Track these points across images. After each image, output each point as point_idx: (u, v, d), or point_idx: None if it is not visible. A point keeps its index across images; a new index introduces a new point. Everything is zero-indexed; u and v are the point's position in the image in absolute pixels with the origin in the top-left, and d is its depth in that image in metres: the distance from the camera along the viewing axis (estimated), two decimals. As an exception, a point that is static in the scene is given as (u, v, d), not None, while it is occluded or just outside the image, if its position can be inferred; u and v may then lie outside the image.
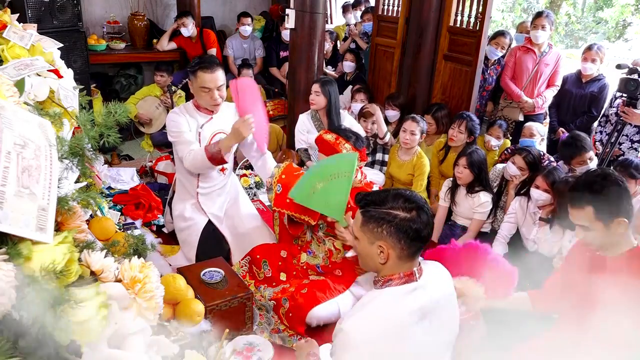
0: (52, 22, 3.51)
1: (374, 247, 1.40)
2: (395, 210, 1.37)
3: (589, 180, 1.67)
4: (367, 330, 1.33)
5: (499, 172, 3.40)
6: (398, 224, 1.36)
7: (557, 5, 9.87)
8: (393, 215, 1.36)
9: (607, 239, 1.68)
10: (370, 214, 1.40)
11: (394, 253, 1.38)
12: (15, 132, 0.85)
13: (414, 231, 1.35)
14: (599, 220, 1.64)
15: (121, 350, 0.87)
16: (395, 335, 1.33)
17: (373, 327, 1.33)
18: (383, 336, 1.33)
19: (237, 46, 5.68)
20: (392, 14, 4.55)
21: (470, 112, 3.81)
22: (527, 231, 2.92)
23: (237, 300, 2.11)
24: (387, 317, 1.35)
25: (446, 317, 1.44)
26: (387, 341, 1.33)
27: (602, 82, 3.89)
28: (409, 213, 1.37)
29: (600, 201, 1.63)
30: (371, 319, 1.35)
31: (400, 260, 1.39)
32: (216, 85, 2.51)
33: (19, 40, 1.49)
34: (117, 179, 3.32)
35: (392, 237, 1.37)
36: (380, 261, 1.40)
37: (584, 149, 2.92)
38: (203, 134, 2.63)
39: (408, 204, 1.38)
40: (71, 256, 0.82)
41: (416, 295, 1.38)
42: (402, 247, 1.37)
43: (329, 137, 2.38)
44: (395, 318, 1.34)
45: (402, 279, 1.39)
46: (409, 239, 1.36)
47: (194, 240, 2.74)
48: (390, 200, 1.39)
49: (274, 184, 2.53)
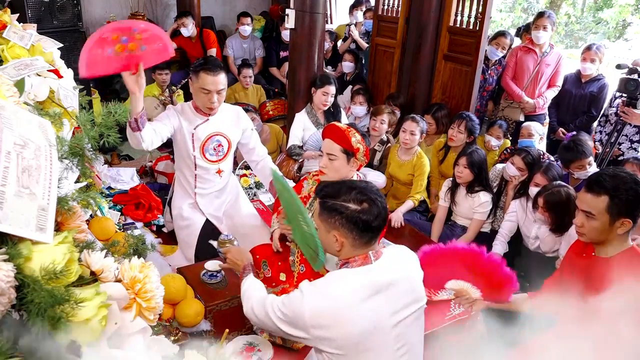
0: (52, 22, 3.52)
1: (329, 236, 1.50)
2: (347, 203, 1.47)
3: (617, 175, 1.67)
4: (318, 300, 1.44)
5: (499, 172, 3.40)
6: (348, 215, 1.45)
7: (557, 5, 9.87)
8: (345, 207, 1.46)
9: (604, 234, 1.69)
10: (325, 205, 1.50)
11: (347, 242, 1.49)
12: (15, 132, 0.85)
13: (363, 222, 1.45)
14: (608, 213, 1.65)
15: (121, 350, 0.87)
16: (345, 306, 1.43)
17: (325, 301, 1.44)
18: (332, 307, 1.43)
19: (237, 46, 5.68)
20: (392, 14, 4.55)
21: (470, 112, 3.81)
22: (528, 229, 2.92)
23: (237, 300, 2.10)
24: (340, 289, 1.45)
25: (402, 292, 1.51)
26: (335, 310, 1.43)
27: (602, 82, 3.89)
28: (359, 205, 1.46)
29: (619, 197, 1.63)
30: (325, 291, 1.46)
31: (355, 248, 1.50)
32: (216, 89, 2.50)
33: (19, 40, 1.49)
34: (117, 179, 3.31)
35: (344, 228, 1.47)
36: (336, 248, 1.51)
37: (584, 154, 2.91)
38: (197, 135, 2.63)
39: (360, 196, 1.47)
40: (71, 256, 0.82)
41: (370, 275, 1.48)
42: (354, 237, 1.47)
43: (340, 125, 2.38)
44: (346, 291, 1.44)
45: (357, 262, 1.50)
46: (360, 229, 1.46)
47: (192, 240, 2.74)
48: (344, 193, 1.48)
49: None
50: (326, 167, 2.33)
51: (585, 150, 2.91)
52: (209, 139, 2.66)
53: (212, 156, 2.71)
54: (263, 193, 3.61)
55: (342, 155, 2.30)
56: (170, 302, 1.85)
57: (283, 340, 2.27)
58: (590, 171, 2.90)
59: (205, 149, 2.67)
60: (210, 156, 2.71)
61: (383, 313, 1.47)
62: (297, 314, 1.45)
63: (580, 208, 1.73)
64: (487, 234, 3.18)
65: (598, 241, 1.74)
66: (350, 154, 2.30)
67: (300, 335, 1.48)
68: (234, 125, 2.74)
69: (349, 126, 2.37)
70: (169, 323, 1.86)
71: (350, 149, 2.29)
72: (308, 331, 1.44)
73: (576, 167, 2.94)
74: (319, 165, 2.43)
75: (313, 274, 2.33)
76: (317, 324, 1.43)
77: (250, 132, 2.84)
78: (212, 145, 2.69)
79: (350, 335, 1.43)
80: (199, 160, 2.69)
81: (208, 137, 2.66)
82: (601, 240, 1.72)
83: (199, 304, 1.94)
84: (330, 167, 2.32)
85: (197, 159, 2.68)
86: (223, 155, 2.75)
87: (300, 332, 1.47)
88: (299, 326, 1.46)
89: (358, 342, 1.43)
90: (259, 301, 1.62)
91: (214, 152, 2.71)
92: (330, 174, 2.33)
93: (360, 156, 2.32)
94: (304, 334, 1.46)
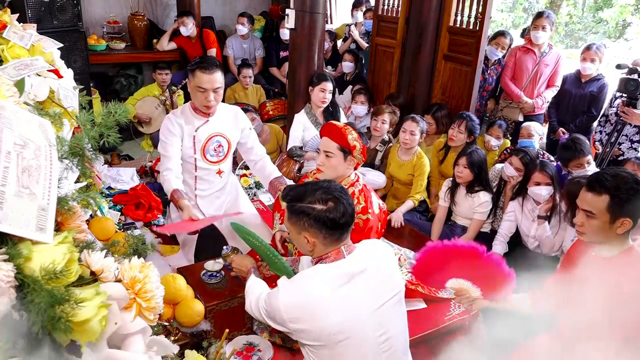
0: (52, 22, 3.51)
1: (301, 237, 1.56)
2: (312, 204, 1.52)
3: (618, 174, 1.67)
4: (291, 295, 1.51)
5: (498, 172, 3.40)
6: (316, 216, 1.51)
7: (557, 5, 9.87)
8: (311, 209, 1.51)
9: (604, 233, 1.69)
10: (293, 209, 1.55)
11: (317, 241, 1.54)
12: (15, 132, 0.85)
13: (331, 221, 1.50)
14: (609, 212, 1.65)
15: (121, 350, 0.87)
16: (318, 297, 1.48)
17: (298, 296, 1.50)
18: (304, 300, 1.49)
19: (237, 46, 5.68)
20: (392, 14, 4.55)
21: (470, 112, 3.81)
22: (527, 229, 2.92)
23: (237, 300, 2.10)
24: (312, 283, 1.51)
25: (376, 278, 1.56)
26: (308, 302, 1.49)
27: (602, 81, 3.89)
28: (325, 205, 1.51)
29: (619, 196, 1.63)
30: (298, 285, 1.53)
31: (326, 245, 1.55)
32: (212, 87, 2.49)
33: (19, 40, 1.49)
34: (117, 179, 3.31)
35: (313, 228, 1.52)
36: (309, 248, 1.57)
37: (582, 153, 2.91)
38: (198, 137, 2.63)
39: (324, 196, 1.52)
40: (71, 256, 0.82)
41: (342, 266, 1.54)
42: (324, 236, 1.52)
43: (337, 123, 2.39)
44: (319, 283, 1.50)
45: (330, 257, 1.55)
46: (328, 228, 1.51)
47: (192, 241, 2.74)
48: (309, 195, 1.54)
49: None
50: (323, 165, 2.35)
51: (583, 148, 2.92)
52: (209, 140, 2.66)
53: (212, 157, 2.71)
54: (263, 193, 3.61)
55: (339, 153, 2.31)
56: (170, 302, 1.85)
57: (283, 340, 2.27)
58: (590, 170, 2.91)
59: (206, 150, 2.67)
60: (210, 157, 2.71)
61: (358, 300, 1.51)
62: (274, 308, 1.51)
63: (580, 207, 1.73)
64: (487, 234, 3.18)
65: (598, 241, 1.74)
66: (347, 152, 2.31)
67: (282, 329, 1.54)
68: (233, 125, 2.74)
69: (346, 124, 2.38)
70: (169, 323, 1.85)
71: (347, 147, 2.30)
72: (286, 325, 1.50)
73: (575, 166, 2.95)
74: (316, 163, 2.44)
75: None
76: (292, 318, 1.48)
77: (248, 131, 2.84)
78: (213, 146, 2.69)
79: (326, 326, 1.47)
80: (199, 161, 2.69)
81: (208, 138, 2.65)
82: (601, 239, 1.72)
83: (199, 304, 1.94)
84: (328, 164, 2.33)
85: (198, 160, 2.68)
86: (223, 156, 2.75)
87: (280, 326, 1.53)
88: (277, 321, 1.53)
89: (336, 332, 1.47)
90: (257, 297, 1.68)
91: (214, 153, 2.71)
92: (327, 171, 2.34)
93: (357, 154, 2.33)
94: (284, 328, 1.53)
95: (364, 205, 2.32)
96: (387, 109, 3.80)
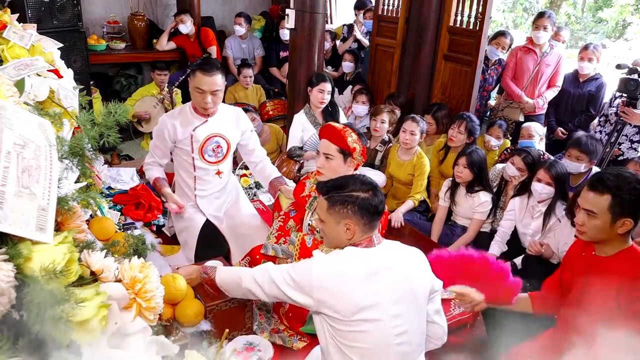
0: (52, 22, 3.51)
1: (340, 226, 1.63)
2: (356, 192, 1.62)
3: (621, 174, 1.67)
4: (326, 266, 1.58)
5: (499, 172, 3.40)
6: (360, 203, 1.61)
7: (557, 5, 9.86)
8: (355, 196, 1.61)
9: (605, 233, 1.69)
10: (334, 198, 1.64)
11: (358, 228, 1.62)
12: (15, 132, 0.85)
13: (373, 207, 1.61)
14: (610, 212, 1.65)
15: (121, 350, 0.87)
16: (349, 277, 1.55)
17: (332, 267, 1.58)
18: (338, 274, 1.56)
19: (236, 46, 5.68)
20: (392, 14, 4.55)
21: (470, 112, 3.81)
22: (525, 227, 2.92)
23: (237, 300, 2.10)
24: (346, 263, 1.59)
25: (398, 278, 1.60)
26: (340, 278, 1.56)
27: (600, 81, 3.90)
28: (367, 193, 1.62)
29: (621, 196, 1.63)
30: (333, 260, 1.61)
31: (363, 232, 1.63)
32: (210, 89, 2.49)
33: (19, 40, 1.49)
34: (117, 179, 3.31)
35: (356, 215, 1.60)
36: (347, 237, 1.64)
37: (589, 151, 2.93)
38: (196, 137, 2.63)
39: (365, 186, 1.64)
40: (71, 256, 0.82)
41: (371, 256, 1.61)
42: (364, 222, 1.61)
43: (336, 125, 2.38)
44: (352, 266, 1.58)
45: (363, 244, 1.63)
46: (370, 214, 1.61)
47: (192, 241, 2.74)
48: (351, 184, 1.64)
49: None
50: (323, 167, 2.34)
51: (593, 149, 2.93)
52: (208, 140, 2.66)
53: (211, 157, 2.71)
54: (263, 193, 3.61)
55: (339, 155, 2.30)
56: (170, 302, 1.85)
57: (283, 340, 2.27)
58: (582, 168, 2.94)
59: (204, 151, 2.67)
60: (209, 157, 2.70)
61: (382, 291, 1.56)
62: (305, 274, 1.58)
63: (582, 206, 1.73)
64: (487, 234, 3.18)
65: (598, 240, 1.74)
66: (347, 154, 2.30)
67: (303, 300, 1.58)
68: (234, 127, 2.74)
69: (345, 126, 2.37)
70: (169, 323, 1.85)
71: (347, 149, 2.29)
72: (312, 293, 1.55)
73: (576, 156, 2.94)
74: (316, 166, 2.43)
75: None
76: (322, 286, 1.54)
77: (249, 133, 2.84)
78: (211, 146, 2.68)
79: (349, 303, 1.53)
80: (197, 161, 2.68)
81: (207, 138, 2.65)
82: (602, 239, 1.72)
83: (199, 304, 1.94)
84: (328, 167, 2.32)
85: (196, 160, 2.68)
86: (222, 157, 2.75)
87: (304, 296, 1.58)
88: (304, 290, 1.57)
89: (356, 311, 1.53)
90: (257, 272, 1.72)
91: (213, 153, 2.71)
92: (327, 173, 2.33)
93: (357, 155, 2.33)
94: (308, 299, 1.57)
95: None
96: (385, 109, 3.80)
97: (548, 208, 2.80)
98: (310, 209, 2.47)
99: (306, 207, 2.50)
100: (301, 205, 2.54)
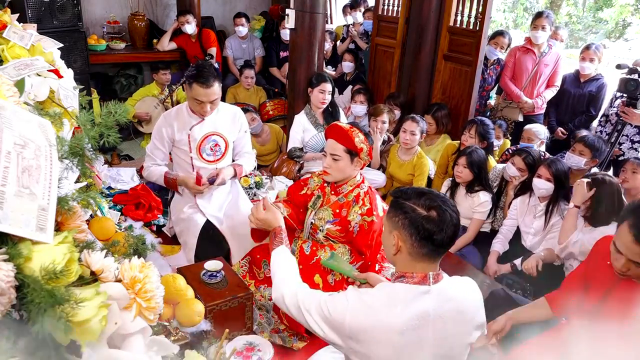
0: (52, 22, 3.51)
1: (390, 236, 1.43)
2: (415, 205, 1.39)
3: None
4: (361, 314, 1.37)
5: (499, 172, 3.39)
6: (412, 218, 1.37)
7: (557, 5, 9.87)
8: (411, 209, 1.39)
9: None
10: (395, 203, 1.44)
11: (404, 246, 1.40)
12: (15, 132, 0.85)
13: (425, 230, 1.36)
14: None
15: (121, 350, 0.87)
16: (388, 329, 1.35)
17: (368, 317, 1.37)
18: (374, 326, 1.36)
19: (236, 47, 5.68)
20: (392, 14, 4.55)
21: (470, 112, 3.81)
22: (526, 225, 2.91)
23: (237, 300, 2.11)
24: (387, 310, 1.36)
25: (450, 332, 1.40)
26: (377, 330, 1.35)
27: (600, 81, 3.90)
28: (426, 211, 1.38)
29: None
30: (370, 305, 1.38)
31: (412, 257, 1.40)
32: (209, 100, 2.52)
33: (19, 40, 1.49)
34: (117, 179, 3.31)
35: (405, 230, 1.39)
36: (393, 252, 1.42)
37: (595, 150, 2.96)
38: (193, 136, 2.64)
39: (429, 203, 1.39)
40: (71, 256, 0.82)
41: (423, 300, 1.37)
42: (412, 243, 1.38)
43: (343, 125, 2.38)
44: (394, 315, 1.35)
45: (414, 279, 1.40)
46: (419, 236, 1.36)
47: (192, 241, 2.74)
48: (415, 197, 1.41)
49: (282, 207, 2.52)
50: (330, 167, 2.33)
51: (598, 147, 2.95)
52: (205, 139, 2.66)
53: (209, 156, 2.71)
54: (263, 193, 3.61)
55: (346, 156, 2.30)
56: (170, 302, 1.85)
57: (283, 340, 2.27)
58: (583, 164, 2.96)
59: (202, 149, 2.68)
60: (207, 156, 2.71)
61: (422, 347, 1.39)
62: (338, 319, 1.40)
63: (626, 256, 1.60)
64: (487, 234, 3.18)
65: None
66: (354, 154, 2.30)
67: (335, 340, 1.43)
68: (231, 124, 2.75)
69: (352, 126, 2.37)
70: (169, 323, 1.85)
71: (354, 149, 2.29)
72: (345, 340, 1.40)
73: (580, 150, 2.96)
74: (322, 166, 2.42)
75: (311, 273, 2.33)
76: (354, 337, 1.38)
77: (242, 133, 2.85)
78: (209, 145, 2.69)
79: (382, 355, 1.37)
80: (196, 161, 2.69)
81: (204, 137, 2.66)
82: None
83: (199, 304, 1.94)
84: (335, 167, 2.32)
85: (194, 159, 2.68)
86: (221, 155, 2.75)
87: (336, 337, 1.42)
88: (337, 331, 1.42)
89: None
90: (292, 292, 1.58)
91: (211, 152, 2.71)
92: (334, 174, 2.33)
93: (363, 155, 2.32)
94: (340, 341, 1.42)
95: (369, 207, 2.32)
96: (384, 109, 3.80)
97: (549, 207, 2.80)
98: (314, 207, 2.47)
99: (309, 205, 2.49)
100: (298, 203, 2.54)
